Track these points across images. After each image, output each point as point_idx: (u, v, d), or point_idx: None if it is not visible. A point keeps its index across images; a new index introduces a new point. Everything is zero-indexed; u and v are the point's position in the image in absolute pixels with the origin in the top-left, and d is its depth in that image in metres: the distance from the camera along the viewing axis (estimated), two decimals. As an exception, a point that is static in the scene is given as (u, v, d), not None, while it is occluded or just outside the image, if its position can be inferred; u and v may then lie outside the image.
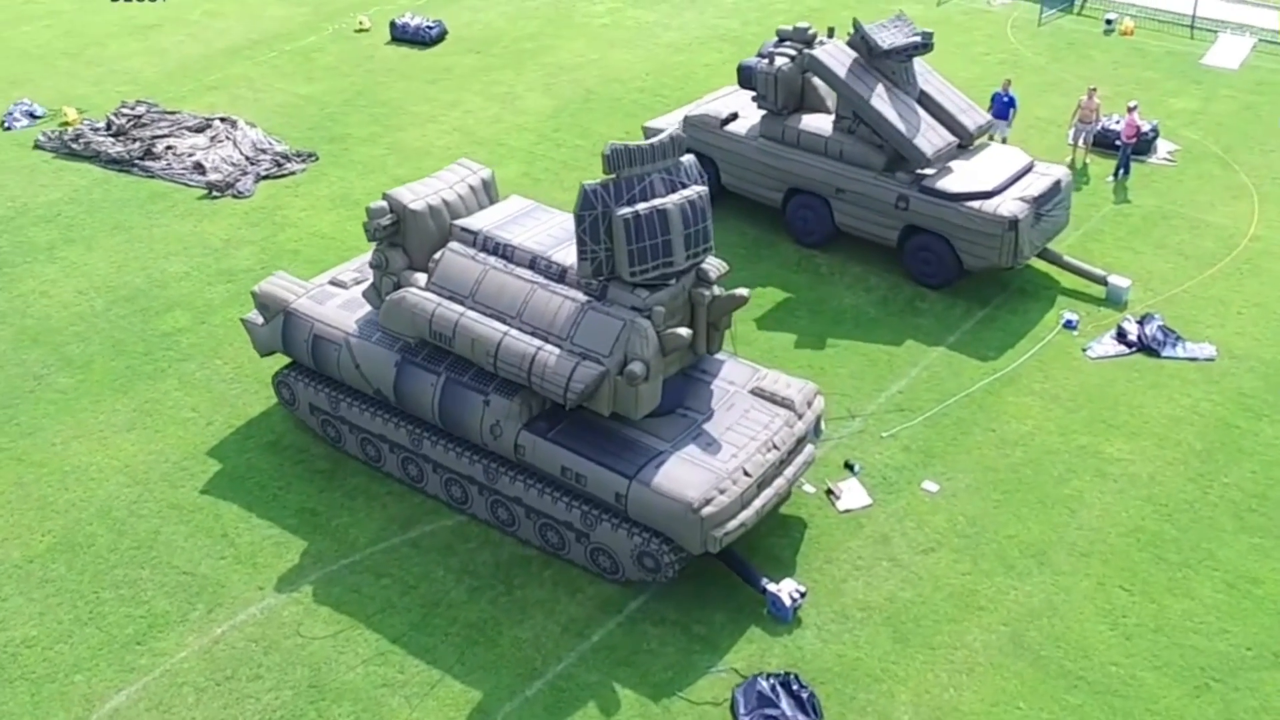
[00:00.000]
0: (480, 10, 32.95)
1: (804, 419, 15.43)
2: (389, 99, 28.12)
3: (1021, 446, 17.20)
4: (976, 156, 20.49)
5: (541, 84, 28.52)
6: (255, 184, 24.70)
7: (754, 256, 21.66)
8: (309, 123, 27.19)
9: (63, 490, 17.05)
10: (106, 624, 14.95)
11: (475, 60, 29.95)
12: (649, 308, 14.43)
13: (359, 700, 13.87)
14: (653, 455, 14.62)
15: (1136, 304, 20.03)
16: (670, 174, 14.61)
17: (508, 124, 26.71)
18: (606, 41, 30.68)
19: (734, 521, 14.28)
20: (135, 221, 23.65)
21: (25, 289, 21.63)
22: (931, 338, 19.46)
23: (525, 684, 14.00)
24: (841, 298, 20.49)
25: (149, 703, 13.91)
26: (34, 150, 26.48)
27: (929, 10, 31.96)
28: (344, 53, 30.75)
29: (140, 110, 27.55)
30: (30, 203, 24.42)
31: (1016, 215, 19.18)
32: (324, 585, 15.39)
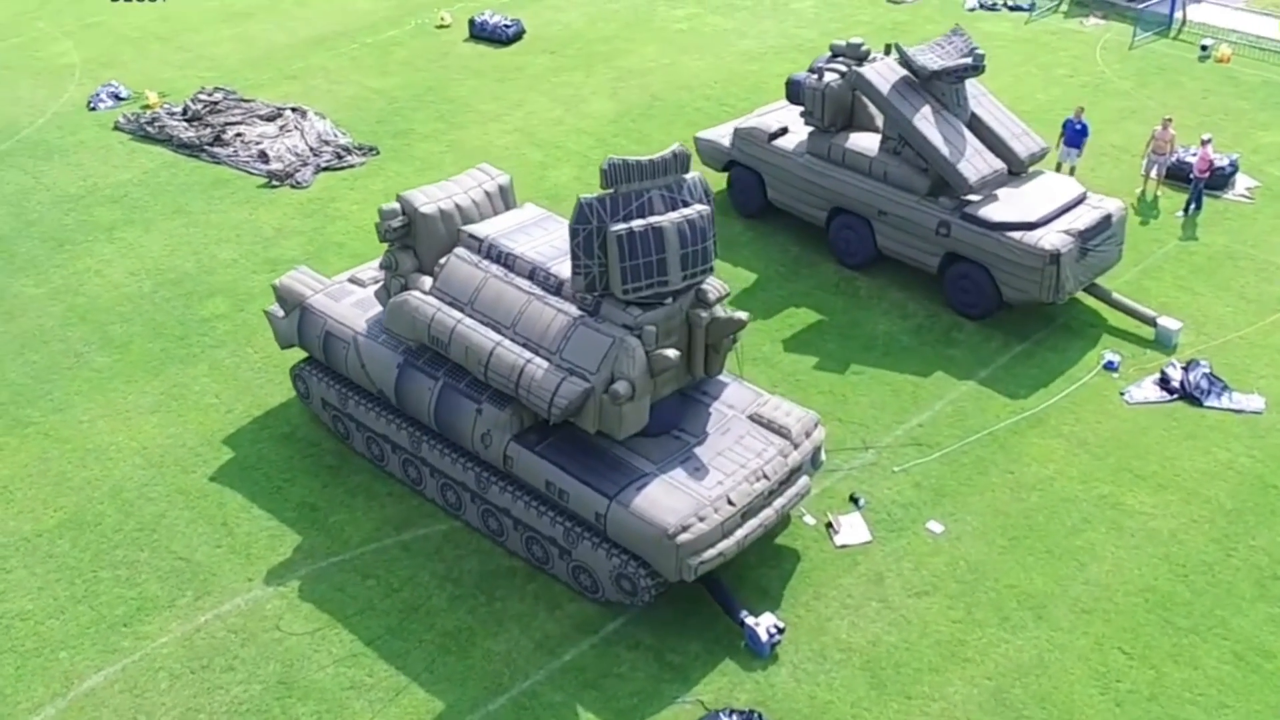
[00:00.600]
0: (562, 10, 32.95)
1: (800, 449, 15.00)
2: (457, 96, 28.30)
3: (1039, 491, 16.47)
4: (1026, 185, 19.71)
5: (608, 87, 28.39)
6: (314, 175, 25.09)
7: (793, 275, 21.20)
8: (376, 116, 27.51)
9: (81, 468, 17.52)
10: (99, 603, 15.30)
11: (548, 60, 29.96)
12: (640, 327, 14.18)
13: (324, 701, 13.93)
14: (636, 477, 14.37)
15: (1187, 348, 19.04)
16: (671, 191, 14.32)
17: (568, 126, 26.64)
18: (679, 47, 30.40)
19: (712, 550, 13.95)
20: (195, 206, 24.22)
21: (81, 267, 22.31)
22: (963, 371, 18.78)
23: (490, 699, 13.89)
24: (876, 323, 19.91)
25: (124, 685, 14.18)
26: (113, 131, 27.33)
27: (1017, 28, 30.93)
28: (421, 48, 31.05)
29: (217, 97, 28.22)
30: (101, 182, 25.20)
31: (1059, 249, 18.39)
32: (311, 581, 15.50)
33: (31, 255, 22.73)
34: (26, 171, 25.69)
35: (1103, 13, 31.32)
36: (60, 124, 27.81)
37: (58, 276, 22.09)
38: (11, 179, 25.43)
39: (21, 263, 22.50)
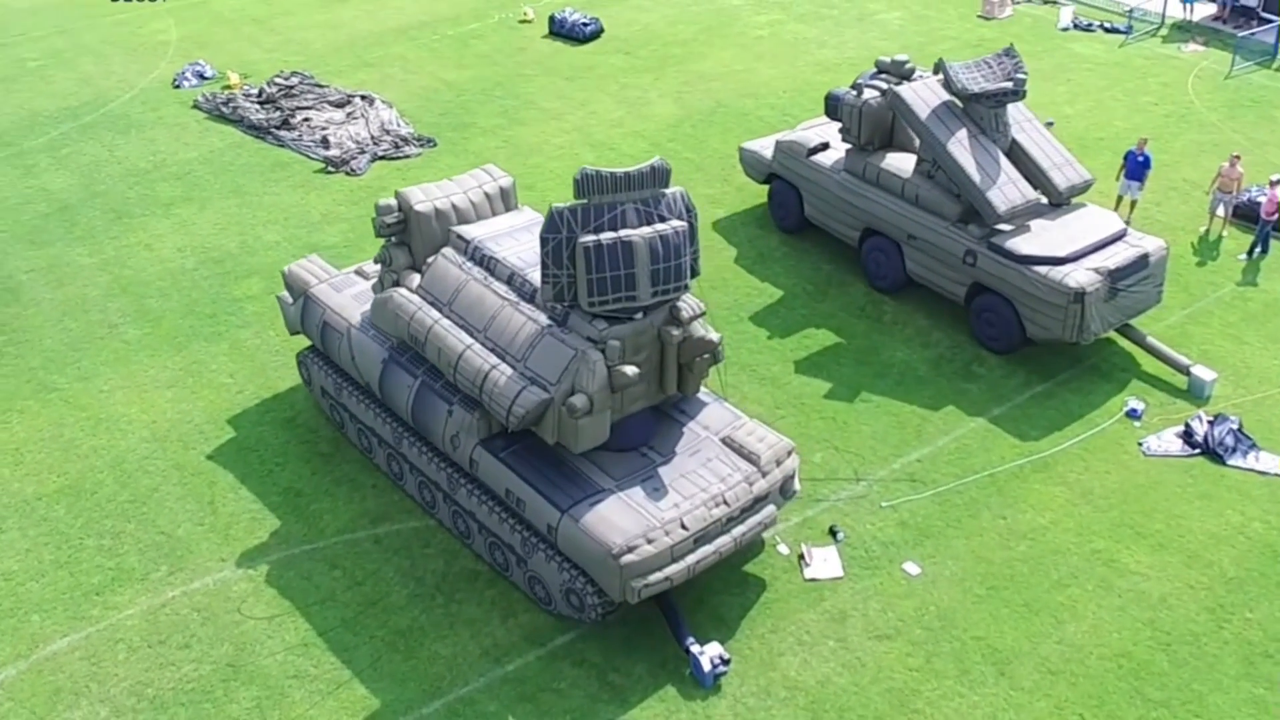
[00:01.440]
0: (644, 11, 32.79)
1: (768, 477, 14.59)
2: (524, 92, 28.39)
3: (1029, 540, 15.72)
4: (1062, 217, 18.83)
5: (675, 91, 28.12)
6: (369, 164, 25.45)
7: (820, 295, 20.67)
8: (442, 109, 27.79)
9: (91, 436, 18.09)
10: (78, 570, 15.77)
11: (621, 61, 29.84)
12: (604, 341, 13.96)
13: (266, 687, 14.10)
14: (593, 492, 14.17)
15: (1220, 400, 17.95)
16: (647, 205, 14.05)
17: (626, 129, 26.48)
18: (755, 54, 29.95)
19: (659, 574, 13.66)
20: (252, 187, 24.81)
21: (134, 240, 23.06)
22: (975, 407, 18.05)
23: (426, 701, 13.87)
24: (894, 350, 19.28)
25: (84, 653, 14.59)
26: (191, 109, 28.19)
27: (1109, 51, 29.61)
28: (500, 42, 31.26)
29: (293, 81, 28.87)
30: (169, 159, 26.01)
31: (1084, 287, 17.51)
32: (280, 567, 15.72)
33: (91, 226, 23.59)
34: (103, 144, 26.69)
35: (1204, 39, 29.77)
36: (145, 100, 28.82)
37: (110, 248, 22.88)
38: (89, 150, 26.44)
39: (80, 232, 23.38)
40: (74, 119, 27.94)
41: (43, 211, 24.13)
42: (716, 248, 22.04)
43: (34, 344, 20.16)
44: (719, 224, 22.78)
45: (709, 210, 23.14)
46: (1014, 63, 19.08)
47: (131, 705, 13.90)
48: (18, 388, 19.12)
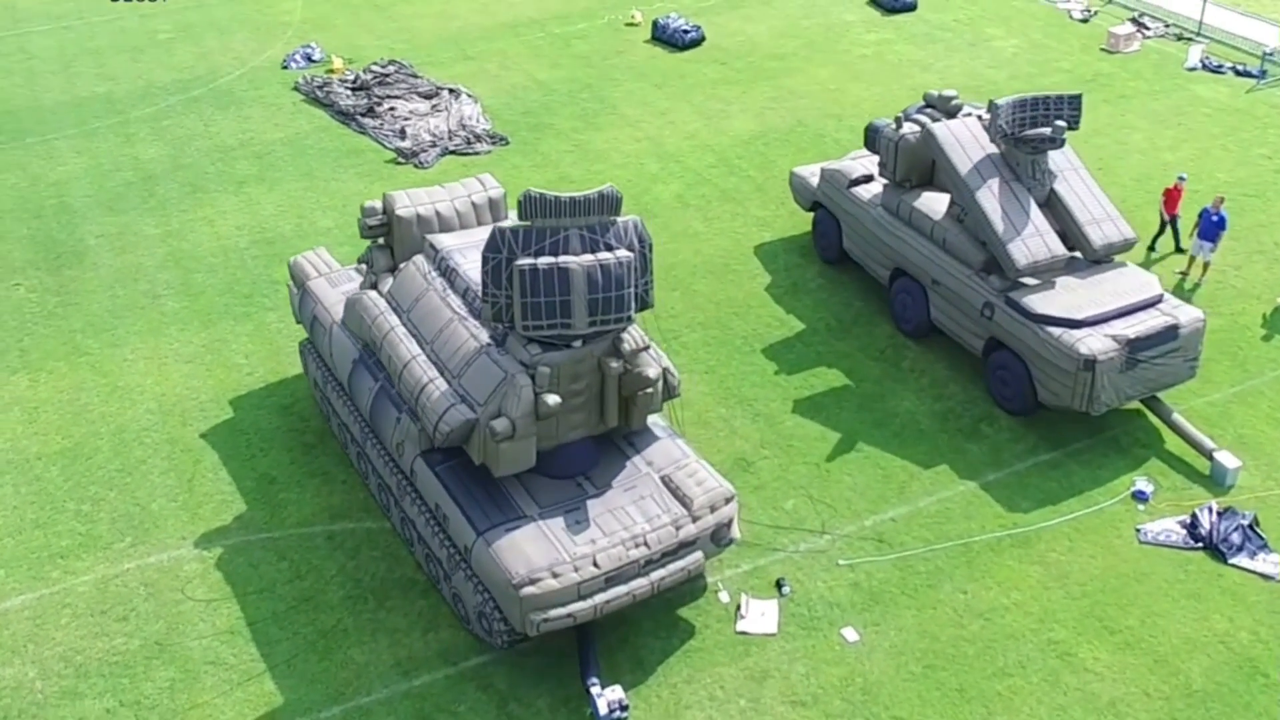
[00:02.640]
0: (752, 22, 32.15)
1: (699, 522, 14.09)
2: (609, 96, 28.23)
3: (985, 620, 14.72)
4: (1093, 276, 17.55)
5: (759, 107, 27.48)
6: (438, 158, 25.74)
7: (842, 333, 19.85)
8: (525, 107, 27.89)
9: (104, 403, 18.86)
10: (53, 532, 16.45)
11: (713, 71, 29.35)
12: (534, 366, 13.70)
13: (184, 670, 14.40)
14: (513, 518, 13.95)
15: (1243, 491, 16.43)
16: (594, 233, 13.72)
17: (698, 142, 26.02)
18: (853, 73, 29.00)
19: (561, 610, 13.35)
20: (322, 172, 25.44)
21: (199, 215, 23.94)
22: (971, 469, 17.02)
23: (325, 706, 13.94)
24: (903, 399, 18.36)
25: (31, 613, 15.21)
26: (291, 91, 29.10)
27: (1234, 96, 27.46)
28: (601, 44, 31.17)
29: (389, 70, 29.47)
30: (256, 138, 26.91)
31: (1096, 355, 16.27)
32: (233, 552, 16.05)
33: (166, 197, 24.60)
34: (201, 118, 27.80)
35: (1346, 90, 27.38)
36: (252, 78, 29.91)
37: (176, 221, 23.81)
38: (186, 124, 27.59)
39: (154, 203, 24.41)
40: (183, 92, 29.21)
41: (128, 180, 25.31)
42: (750, 273, 21.45)
43: (81, 307, 21.16)
44: (761, 248, 22.15)
45: (756, 233, 22.56)
46: (1070, 110, 17.83)
47: (58, 670, 14.43)
48: (54, 348, 20.11)
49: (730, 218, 23.18)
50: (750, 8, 33.03)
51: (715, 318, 20.33)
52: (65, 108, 28.61)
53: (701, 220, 23.12)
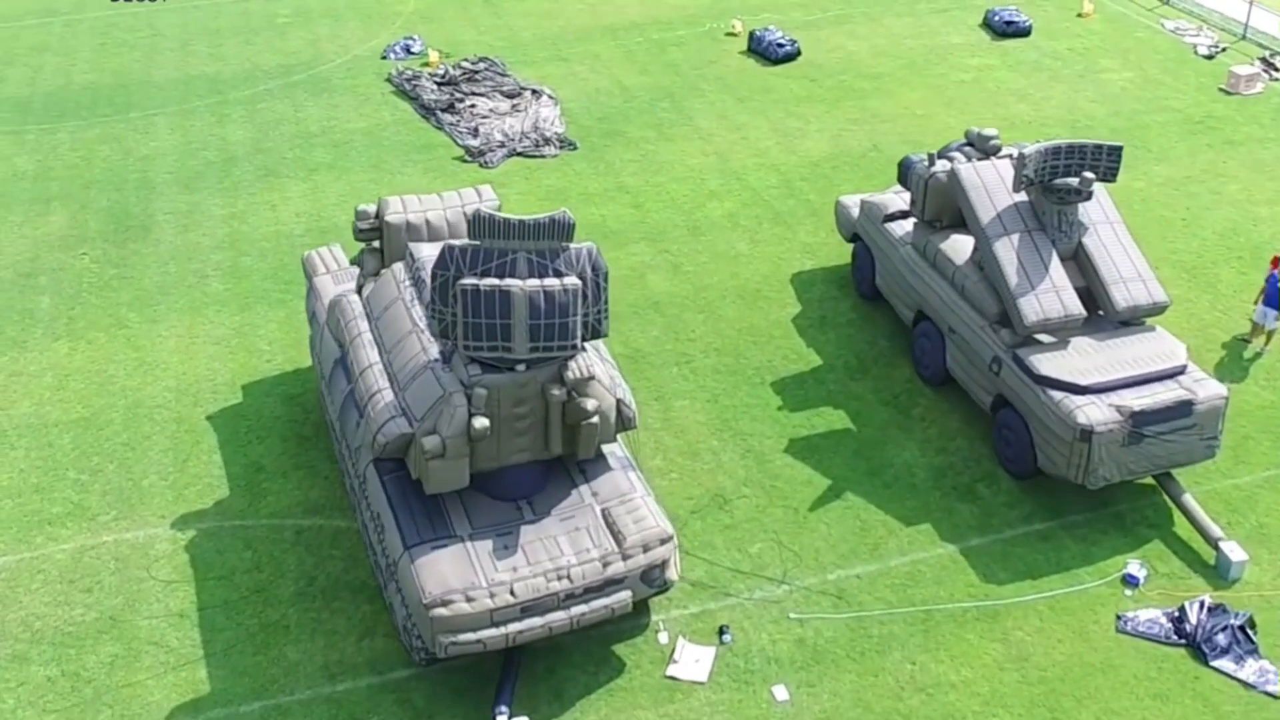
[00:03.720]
0: (854, 39, 31.23)
1: (628, 561, 13.74)
2: (689, 107, 27.85)
3: (926, 695, 13.92)
4: (1113, 340, 16.39)
5: (838, 128, 26.69)
6: (504, 159, 25.85)
7: (859, 372, 19.09)
8: (603, 113, 27.76)
9: (128, 376, 19.58)
10: (47, 499, 17.16)
11: (800, 88, 28.63)
12: (471, 387, 13.57)
13: (127, 648, 14.80)
14: (443, 536, 13.87)
15: (1247, 587, 15.12)
16: (543, 257, 13.49)
17: (765, 160, 25.43)
18: (945, 99, 27.87)
19: (471, 635, 13.21)
20: (391, 165, 25.86)
21: (264, 199, 24.63)
22: (955, 531, 16.14)
23: (246, 700, 14.14)
24: (903, 450, 17.53)
25: (7, 575, 15.87)
26: (383, 82, 29.69)
27: (1357, 149, 25.38)
28: (696, 52, 30.78)
29: (479, 66, 29.77)
30: (338, 127, 27.54)
31: (1093, 425, 15.19)
32: (205, 536, 16.45)
33: (239, 179, 25.41)
34: (293, 104, 28.62)
35: None
36: (351, 66, 30.63)
37: (243, 203, 24.57)
38: (277, 108, 28.45)
39: (227, 185, 25.24)
40: (284, 76, 30.13)
41: (209, 160, 26.24)
42: (781, 301, 20.84)
43: (133, 281, 22.04)
44: (799, 276, 21.51)
45: (798, 260, 21.92)
46: (1109, 161, 16.69)
47: (15, 634, 15.04)
48: (98, 319, 20.99)
49: (776, 242, 22.59)
50: (856, 24, 32.14)
51: (733, 344, 19.83)
52: (173, 85, 29.85)
53: (747, 242, 22.60)
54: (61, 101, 29.16)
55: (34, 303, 21.46)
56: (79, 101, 29.11)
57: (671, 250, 22.44)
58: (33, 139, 27.41)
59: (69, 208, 24.49)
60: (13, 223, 24.04)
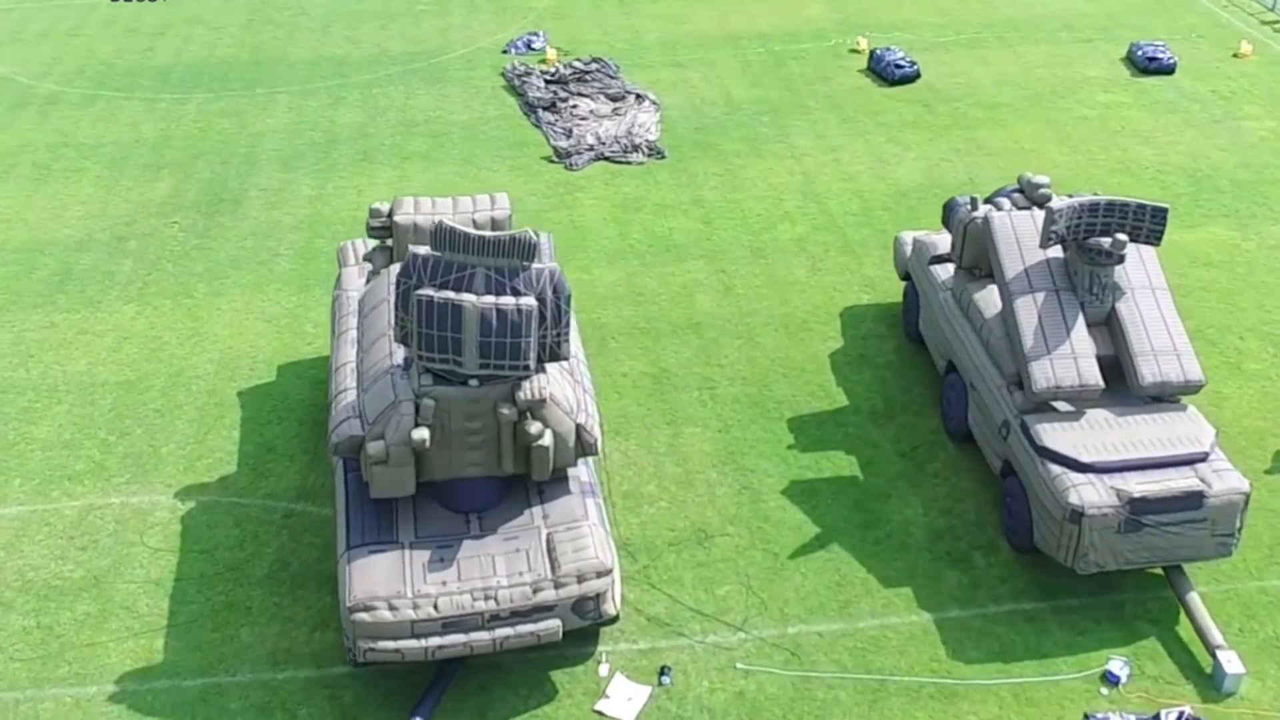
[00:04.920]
0: (982, 64, 29.82)
1: (559, 590, 13.52)
2: (789, 124, 27.18)
3: (854, 770, 13.24)
4: (1134, 416, 15.14)
5: (937, 156, 25.58)
6: (589, 163, 25.80)
7: (885, 419, 18.25)
8: (702, 123, 27.38)
9: (179, 345, 20.41)
10: (74, 455, 18.05)
11: (911, 113, 27.55)
12: (421, 397, 13.57)
13: (101, 608, 15.41)
14: (385, 541, 13.97)
15: (1242, 704, 13.73)
16: (501, 275, 13.37)
17: (852, 186, 24.57)
18: (1060, 136, 26.33)
19: (390, 644, 13.25)
20: (481, 160, 26.17)
21: (353, 184, 25.26)
22: (936, 600, 15.24)
23: (191, 676, 14.49)
24: (906, 506, 16.66)
25: (19, 525, 16.76)
26: (498, 76, 30.08)
27: None
28: (813, 67, 30.01)
29: (591, 67, 29.79)
30: (442, 117, 28.04)
31: (1084, 507, 14.08)
32: (202, 510, 17.00)
33: (335, 162, 26.17)
34: (405, 92, 29.29)
35: None
36: (472, 58, 31.15)
37: (331, 186, 25.30)
38: (390, 95, 29.17)
39: (323, 166, 26.03)
40: (406, 63, 30.88)
41: (313, 140, 27.13)
42: (825, 334, 20.12)
43: (211, 252, 22.99)
44: (850, 310, 20.72)
45: (854, 293, 21.12)
46: (1153, 224, 15.44)
47: (8, 582, 15.89)
48: (169, 286, 21.98)
49: (838, 271, 21.82)
50: (988, 49, 30.73)
51: (762, 375, 19.27)
52: (303, 65, 30.99)
53: (807, 269, 21.92)
54: (199, 73, 30.66)
55: (118, 265, 22.65)
56: (214, 75, 30.55)
57: (728, 270, 21.97)
58: (163, 107, 28.92)
59: (175, 176, 25.73)
60: (123, 186, 25.44)
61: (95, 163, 26.39)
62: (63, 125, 28.16)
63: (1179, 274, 21.41)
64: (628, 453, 17.75)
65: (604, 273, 22.03)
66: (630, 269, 22.14)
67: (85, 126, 28.08)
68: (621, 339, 20.23)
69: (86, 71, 31.04)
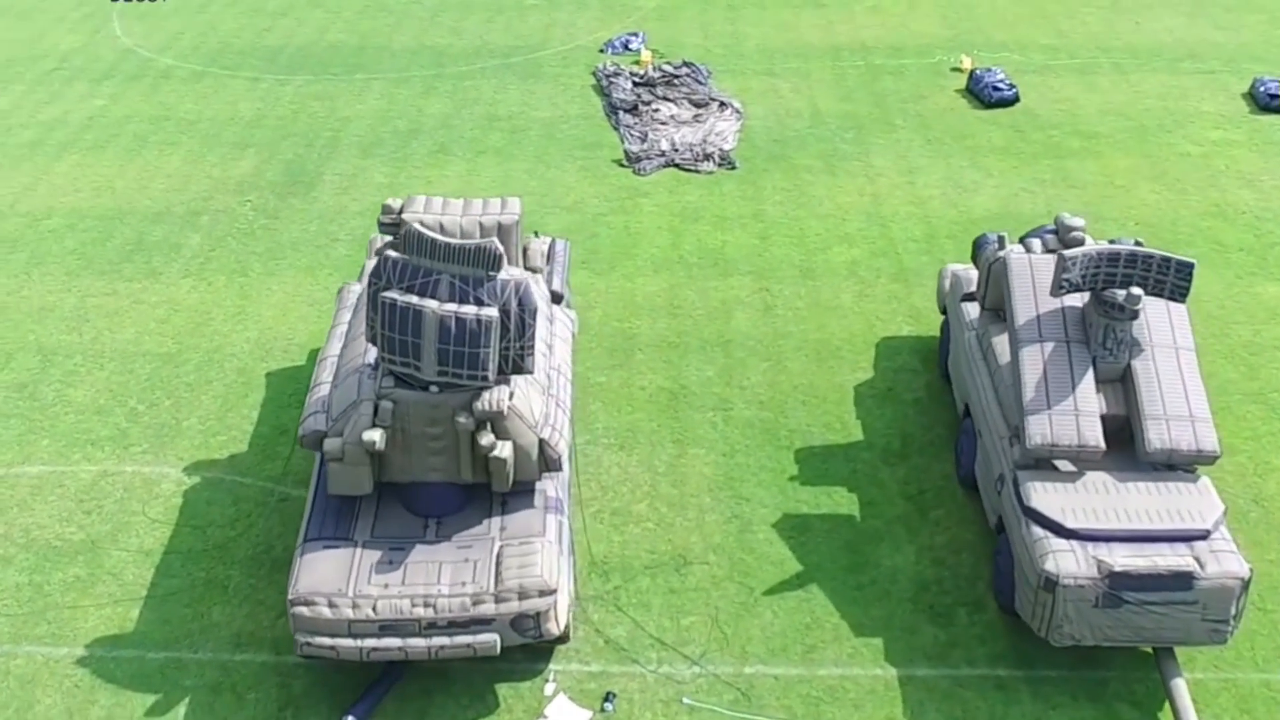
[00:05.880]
0: (1090, 91, 28.34)
1: (499, 605, 13.37)
2: (871, 142, 26.36)
3: (778, 824, 12.72)
4: (1138, 483, 14.11)
5: (1018, 186, 24.42)
6: (658, 169, 25.50)
7: (897, 459, 17.50)
8: (781, 135, 26.80)
9: (224, 321, 20.98)
10: (102, 420, 18.72)
11: (1001, 137, 26.38)
12: (380, 398, 13.58)
13: (90, 572, 15.92)
14: (341, 536, 14.06)
15: (1211, 807, 12.73)
16: (465, 284, 13.26)
17: (920, 210, 23.66)
18: (1156, 173, 24.83)
19: (326, 640, 13.33)
20: (552, 159, 26.15)
21: (424, 175, 25.58)
22: (905, 655, 14.52)
23: (156, 649, 14.78)
24: (899, 553, 15.93)
25: (36, 483, 17.48)
26: (589, 75, 30.06)
27: None
28: (910, 84, 29.03)
29: (681, 71, 29.48)
30: (525, 114, 28.15)
31: (1059, 576, 13.18)
32: (206, 486, 17.42)
33: (413, 152, 26.52)
34: (496, 86, 29.52)
35: None
36: (567, 55, 31.20)
37: (404, 175, 25.67)
38: (480, 88, 29.43)
39: (400, 155, 26.42)
40: (503, 57, 31.14)
41: (397, 129, 27.58)
42: (856, 364, 19.43)
43: (275, 233, 23.58)
44: (888, 341, 19.95)
45: (897, 324, 20.34)
46: (1177, 279, 14.37)
47: (13, 538, 16.58)
48: (228, 263, 22.63)
49: (885, 299, 21.06)
50: (1100, 75, 29.24)
51: (781, 400, 18.73)
52: (405, 53, 31.55)
53: (854, 294, 21.21)
54: (305, 56, 31.53)
55: (186, 239, 23.45)
56: (319, 58, 31.37)
57: (772, 290, 21.43)
58: (264, 88, 29.83)
59: (259, 156, 26.50)
60: (209, 162, 26.33)
61: (189, 137, 27.40)
62: (169, 99, 29.34)
63: (1253, 329, 20.05)
64: (627, 469, 17.50)
65: (647, 282, 21.76)
66: (674, 280, 21.82)
67: (189, 102, 29.18)
68: (648, 351, 19.96)
69: (202, 48, 32.27)
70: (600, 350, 19.94)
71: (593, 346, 20.00)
